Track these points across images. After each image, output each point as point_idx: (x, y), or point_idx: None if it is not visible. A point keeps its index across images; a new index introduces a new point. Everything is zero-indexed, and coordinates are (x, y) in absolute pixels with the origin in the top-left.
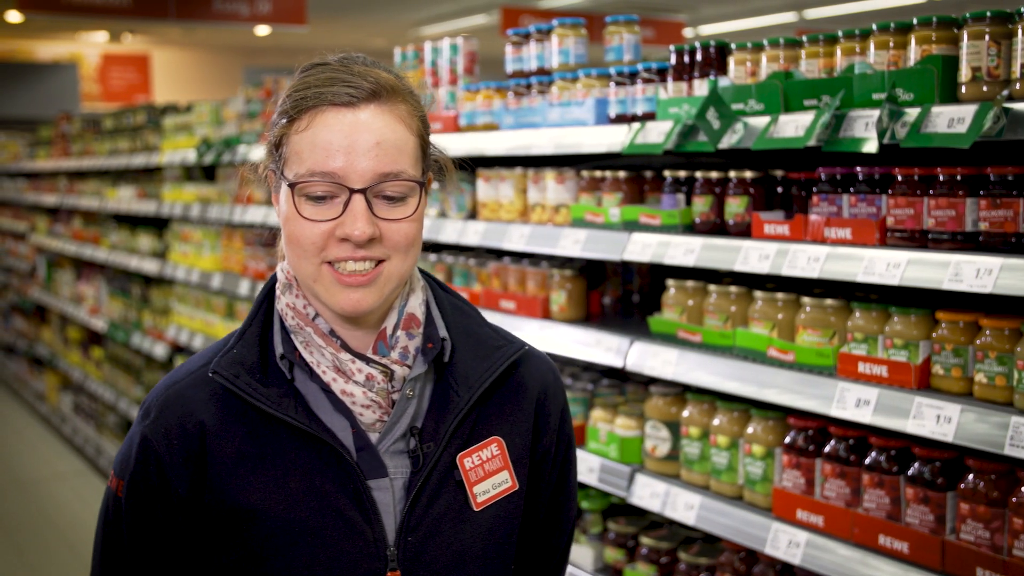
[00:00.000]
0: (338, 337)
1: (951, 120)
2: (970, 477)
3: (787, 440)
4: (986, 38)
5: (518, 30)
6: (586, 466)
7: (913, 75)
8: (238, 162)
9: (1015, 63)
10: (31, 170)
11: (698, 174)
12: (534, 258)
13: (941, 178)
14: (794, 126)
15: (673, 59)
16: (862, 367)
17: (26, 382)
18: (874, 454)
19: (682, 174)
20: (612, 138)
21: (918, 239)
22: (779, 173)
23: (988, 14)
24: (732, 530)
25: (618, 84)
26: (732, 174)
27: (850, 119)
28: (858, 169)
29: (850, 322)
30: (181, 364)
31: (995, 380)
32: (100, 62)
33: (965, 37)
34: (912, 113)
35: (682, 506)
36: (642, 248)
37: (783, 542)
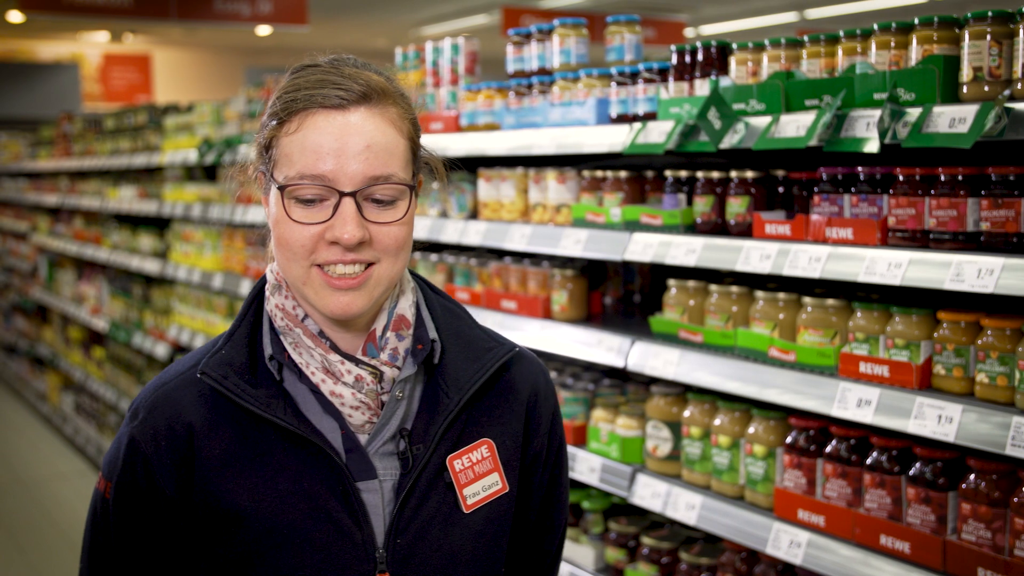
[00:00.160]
0: (327, 338)
1: (952, 120)
2: (971, 477)
3: (788, 440)
4: (988, 38)
5: (519, 30)
6: (587, 466)
7: (914, 75)
8: (239, 162)
9: (1016, 63)
10: (32, 170)
11: (699, 174)
12: (535, 258)
13: (942, 178)
14: (795, 126)
15: (674, 59)
16: (863, 367)
17: (27, 382)
18: (875, 454)
19: (683, 174)
20: (613, 138)
21: (919, 239)
22: (780, 173)
23: (990, 14)
24: (733, 530)
25: (619, 84)
26: (733, 174)
27: (851, 119)
28: (859, 169)
29: (851, 322)
30: (170, 365)
31: (997, 380)
32: (101, 62)
33: (967, 37)
34: (913, 113)
35: (683, 506)
36: (643, 248)
37: (784, 542)
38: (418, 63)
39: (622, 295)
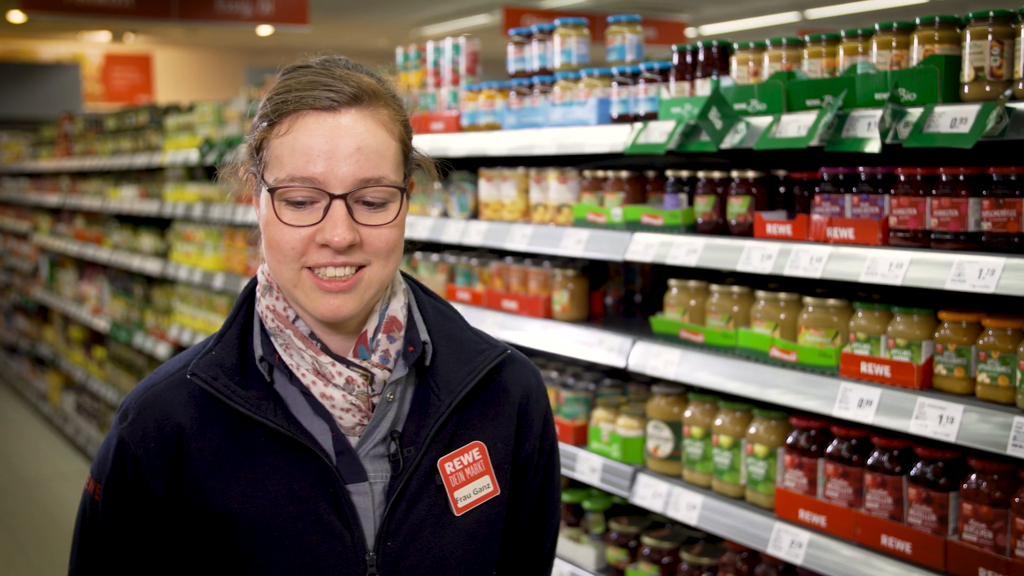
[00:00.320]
0: (318, 340)
1: (954, 120)
2: (973, 477)
3: (789, 440)
4: (989, 38)
5: (520, 30)
6: (588, 466)
7: (916, 75)
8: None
9: (1018, 63)
10: (34, 170)
11: (700, 174)
12: (536, 258)
13: (944, 178)
14: (796, 126)
15: (675, 59)
16: (864, 367)
17: (28, 382)
18: (876, 454)
19: (684, 174)
20: (614, 138)
21: (921, 239)
22: (781, 173)
23: (991, 14)
24: (734, 530)
25: (620, 84)
26: (734, 174)
27: (852, 119)
28: (861, 169)
29: (852, 322)
30: (160, 366)
31: (998, 380)
32: (102, 62)
33: (968, 37)
34: (915, 113)
35: (684, 506)
36: (644, 248)
37: (785, 542)
38: (419, 63)
39: (623, 295)
